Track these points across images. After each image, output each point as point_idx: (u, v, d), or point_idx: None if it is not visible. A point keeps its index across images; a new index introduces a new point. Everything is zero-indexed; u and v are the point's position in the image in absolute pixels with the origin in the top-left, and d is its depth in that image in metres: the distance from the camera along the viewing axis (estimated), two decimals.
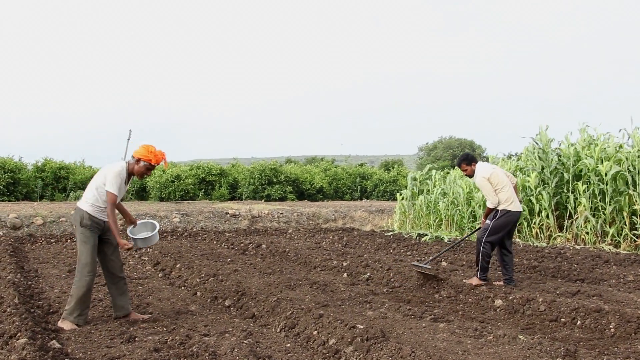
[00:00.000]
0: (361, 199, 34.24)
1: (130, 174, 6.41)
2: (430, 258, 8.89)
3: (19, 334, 5.14)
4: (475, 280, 8.18)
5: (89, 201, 6.24)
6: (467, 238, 10.09)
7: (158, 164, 6.43)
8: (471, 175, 8.54)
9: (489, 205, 8.34)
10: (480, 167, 8.46)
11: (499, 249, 8.42)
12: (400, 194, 19.25)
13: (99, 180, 6.27)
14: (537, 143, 14.51)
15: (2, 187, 26.01)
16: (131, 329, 5.99)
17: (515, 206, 8.28)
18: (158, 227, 6.99)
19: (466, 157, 8.62)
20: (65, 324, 6.12)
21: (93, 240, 6.25)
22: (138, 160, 6.34)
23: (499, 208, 8.26)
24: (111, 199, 6.15)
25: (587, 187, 13.11)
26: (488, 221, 8.33)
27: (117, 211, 6.48)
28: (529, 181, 13.94)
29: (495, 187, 8.27)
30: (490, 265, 8.40)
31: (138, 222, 7.00)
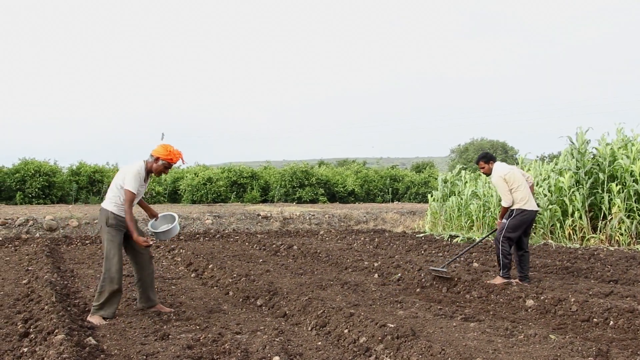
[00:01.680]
0: (392, 201, 34.16)
1: (148, 172, 6.60)
2: (448, 262, 8.95)
3: (56, 331, 5.26)
4: (498, 280, 8.30)
5: (113, 201, 6.46)
6: (485, 239, 10.07)
7: (175, 163, 6.61)
8: (488, 174, 8.79)
9: (504, 204, 8.57)
10: (497, 166, 8.69)
11: (515, 248, 8.58)
12: (432, 196, 19.20)
13: (119, 180, 6.49)
14: (573, 143, 14.37)
15: (38, 190, 26.44)
16: (165, 327, 6.08)
17: (531, 205, 8.48)
18: (177, 218, 7.17)
19: (485, 155, 8.88)
20: (94, 319, 6.32)
21: (119, 238, 6.48)
22: (157, 159, 6.52)
23: (515, 207, 8.46)
24: (129, 197, 6.34)
25: (622, 187, 12.97)
26: (505, 220, 8.52)
27: (137, 207, 6.69)
28: (562, 182, 13.82)
29: (511, 186, 8.47)
30: (511, 264, 8.53)
31: (160, 215, 7.21)
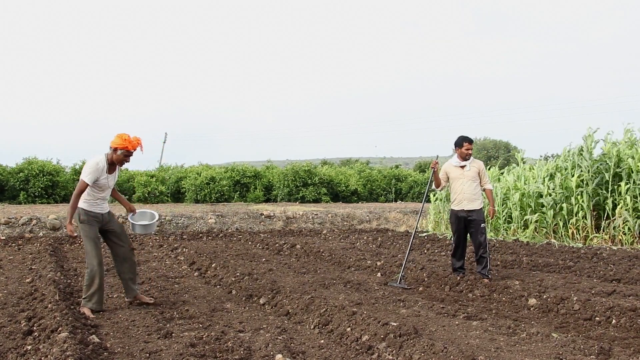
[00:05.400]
0: (395, 201, 34.17)
1: (111, 164, 6.76)
2: (401, 275, 8.83)
3: (60, 329, 5.28)
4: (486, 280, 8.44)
5: (82, 198, 6.65)
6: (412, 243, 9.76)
7: (135, 150, 6.74)
8: (469, 157, 8.78)
9: (492, 187, 9.01)
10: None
11: (462, 243, 8.86)
12: (435, 195, 19.19)
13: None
14: (584, 141, 14.34)
15: (41, 190, 26.51)
16: (168, 325, 6.10)
17: None
18: (157, 216, 7.49)
19: (470, 138, 8.84)
20: (85, 310, 6.55)
21: (94, 232, 6.71)
22: (115, 150, 6.69)
23: (482, 207, 8.74)
24: (79, 186, 6.55)
25: (629, 187, 12.94)
26: (483, 224, 8.64)
27: (104, 199, 6.85)
28: (571, 181, 13.79)
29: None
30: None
31: (138, 211, 7.48)
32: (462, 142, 8.68)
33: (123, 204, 7.34)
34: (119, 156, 6.68)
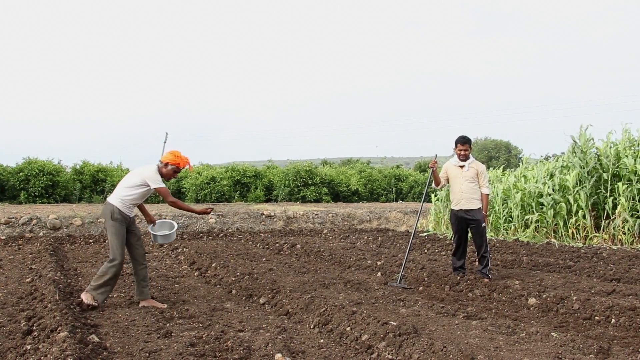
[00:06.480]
0: (396, 201, 34.14)
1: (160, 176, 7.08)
2: (401, 275, 8.80)
3: (59, 328, 5.28)
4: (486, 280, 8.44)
5: (120, 197, 6.92)
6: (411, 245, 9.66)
7: (183, 167, 7.17)
8: (466, 159, 8.78)
9: (490, 192, 9.05)
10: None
11: (463, 243, 8.88)
12: (435, 195, 19.19)
13: (132, 180, 6.99)
14: (576, 142, 14.34)
15: (41, 190, 26.50)
16: (167, 324, 6.10)
17: None
18: (176, 226, 7.78)
19: (470, 140, 8.87)
20: (86, 296, 6.76)
21: (122, 231, 6.92)
22: (166, 165, 7.06)
23: (480, 206, 8.72)
24: (167, 192, 6.97)
25: (628, 187, 12.93)
26: (483, 224, 8.66)
27: (136, 209, 7.31)
28: (567, 180, 13.79)
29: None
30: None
31: (157, 222, 7.74)
32: (456, 143, 8.79)
33: (145, 214, 7.60)
34: (169, 171, 7.09)
